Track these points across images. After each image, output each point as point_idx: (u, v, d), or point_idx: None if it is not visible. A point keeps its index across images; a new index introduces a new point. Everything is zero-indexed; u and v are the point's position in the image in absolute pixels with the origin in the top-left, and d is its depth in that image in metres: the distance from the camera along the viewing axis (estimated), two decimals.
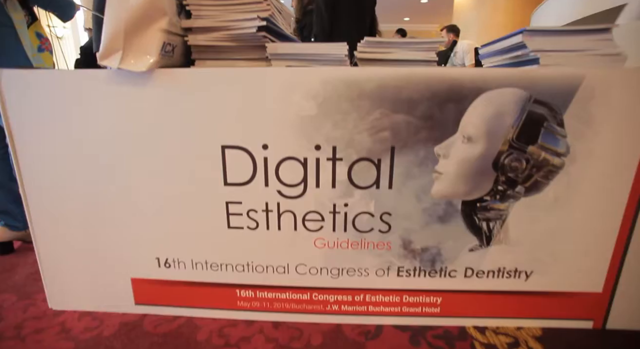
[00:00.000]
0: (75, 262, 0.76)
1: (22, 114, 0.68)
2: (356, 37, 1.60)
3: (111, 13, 0.59)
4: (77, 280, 0.78)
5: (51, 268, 0.78)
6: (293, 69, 0.63)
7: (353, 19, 1.57)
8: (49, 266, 0.77)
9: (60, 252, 0.76)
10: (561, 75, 0.61)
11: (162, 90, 0.64)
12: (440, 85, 0.61)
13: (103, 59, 0.61)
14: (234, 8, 0.64)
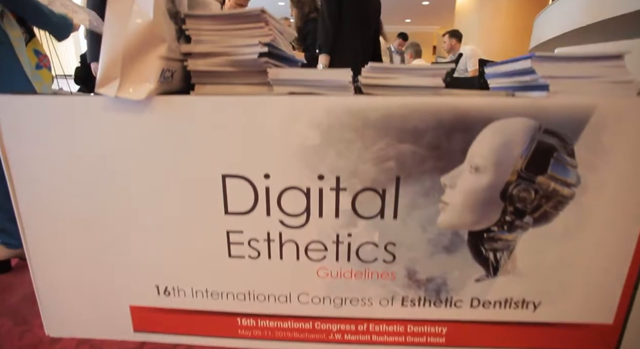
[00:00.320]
0: (72, 288, 0.75)
1: (18, 140, 0.66)
2: (360, 46, 1.58)
3: (108, 40, 0.57)
4: (75, 307, 0.76)
5: (48, 294, 0.76)
6: (296, 97, 0.61)
7: (357, 27, 1.55)
8: (46, 292, 0.76)
9: (57, 278, 0.74)
10: (572, 105, 0.59)
11: (160, 117, 0.62)
12: (447, 115, 0.60)
13: (100, 87, 0.59)
14: (235, 33, 0.62)
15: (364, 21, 1.57)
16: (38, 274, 0.74)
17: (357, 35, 1.55)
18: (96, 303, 0.75)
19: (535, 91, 0.66)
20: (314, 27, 1.94)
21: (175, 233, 0.69)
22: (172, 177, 0.65)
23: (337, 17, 1.49)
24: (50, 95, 0.64)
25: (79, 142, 0.65)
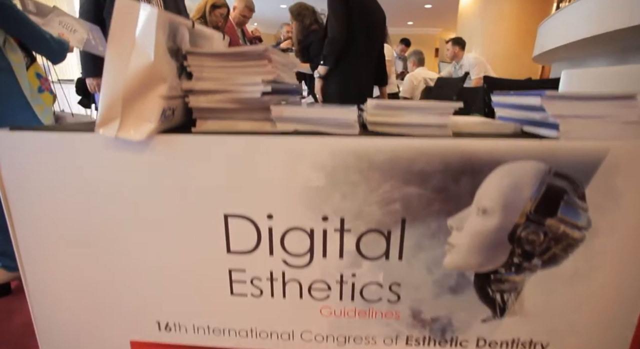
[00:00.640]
0: (72, 322, 0.74)
1: (17, 175, 0.65)
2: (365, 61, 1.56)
3: (108, 80, 0.56)
4: (74, 340, 0.75)
5: (47, 327, 0.75)
6: (300, 138, 0.60)
7: (364, 42, 1.54)
8: (45, 325, 0.75)
9: (56, 313, 0.73)
10: (584, 148, 0.57)
11: (162, 156, 0.61)
12: (454, 158, 0.58)
13: (100, 127, 0.58)
14: (237, 70, 0.61)
15: (370, 35, 1.56)
16: (37, 309, 0.73)
17: (363, 50, 1.53)
18: (96, 336, 0.74)
19: (545, 128, 0.64)
20: (315, 39, 1.93)
21: (176, 270, 0.68)
22: (174, 215, 0.64)
23: (346, 31, 1.47)
24: (50, 131, 0.63)
25: (79, 178, 0.64)
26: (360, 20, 1.50)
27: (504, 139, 0.58)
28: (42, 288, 0.71)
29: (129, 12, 0.54)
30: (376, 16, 1.57)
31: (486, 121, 0.77)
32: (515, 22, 4.67)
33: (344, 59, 1.56)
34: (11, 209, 0.66)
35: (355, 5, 1.46)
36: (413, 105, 0.63)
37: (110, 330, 0.73)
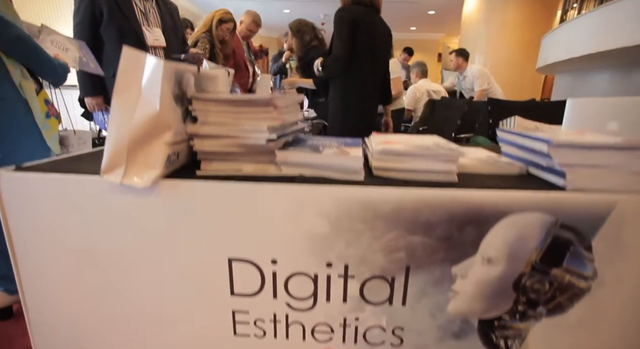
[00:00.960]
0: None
1: (22, 216, 0.65)
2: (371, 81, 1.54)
3: (114, 129, 0.56)
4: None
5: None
6: (305, 187, 0.59)
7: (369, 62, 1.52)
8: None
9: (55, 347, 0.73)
10: (591, 201, 0.57)
11: (166, 201, 0.61)
12: (460, 209, 0.58)
13: (105, 173, 0.58)
14: (243, 116, 0.61)
15: (375, 53, 1.54)
16: (37, 338, 0.73)
17: (368, 68, 1.52)
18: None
19: (552, 174, 0.64)
20: (315, 55, 1.92)
21: (179, 310, 0.67)
22: (178, 258, 0.64)
23: (350, 51, 1.46)
24: (55, 173, 0.63)
25: (83, 220, 0.64)
26: (365, 39, 1.49)
27: (510, 191, 0.58)
28: (43, 324, 0.71)
29: (135, 62, 0.54)
30: (382, 35, 1.55)
31: (492, 158, 0.77)
32: (518, 30, 4.66)
33: (348, 76, 1.55)
34: (15, 248, 0.66)
35: (360, 25, 1.45)
36: (419, 151, 0.63)
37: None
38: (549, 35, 3.24)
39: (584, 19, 2.65)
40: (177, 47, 1.71)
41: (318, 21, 9.26)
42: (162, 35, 1.59)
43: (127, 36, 1.50)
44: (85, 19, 1.46)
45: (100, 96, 1.54)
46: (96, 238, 0.64)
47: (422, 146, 0.65)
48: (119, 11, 1.47)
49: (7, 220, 0.65)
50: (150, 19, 1.58)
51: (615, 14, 2.22)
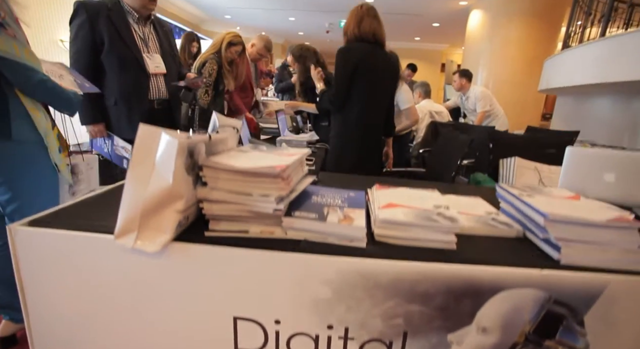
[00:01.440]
0: None
1: (35, 271, 0.67)
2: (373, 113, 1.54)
3: (128, 197, 0.59)
4: None
5: None
6: (310, 256, 0.62)
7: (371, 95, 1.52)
8: None
9: None
10: (584, 280, 0.59)
11: (176, 262, 0.63)
12: (457, 282, 0.60)
13: (118, 237, 0.60)
14: (251, 185, 0.63)
15: (378, 88, 1.54)
16: None
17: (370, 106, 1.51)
18: None
19: (547, 245, 0.66)
20: None
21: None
22: (185, 315, 0.66)
23: (346, 91, 1.47)
24: (69, 231, 0.65)
25: (94, 275, 0.66)
26: (366, 78, 1.47)
27: (506, 267, 0.60)
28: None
29: (151, 138, 0.56)
30: (385, 71, 1.54)
31: (490, 217, 0.79)
32: (522, 48, 4.70)
33: (348, 111, 1.52)
34: (27, 301, 0.68)
35: (362, 65, 1.43)
36: (420, 222, 0.65)
37: None
38: (551, 59, 3.27)
39: (587, 48, 2.69)
40: (175, 70, 1.73)
41: (323, 29, 9.26)
42: (162, 62, 1.60)
43: (129, 64, 1.51)
44: (86, 46, 1.45)
45: (101, 123, 1.54)
46: (105, 293, 0.66)
47: (423, 214, 0.67)
48: (120, 39, 1.47)
49: (20, 270, 0.68)
50: (150, 45, 1.59)
51: (618, 47, 2.25)
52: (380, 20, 1.46)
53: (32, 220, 0.70)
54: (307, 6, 6.80)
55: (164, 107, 1.66)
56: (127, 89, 1.52)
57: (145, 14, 1.56)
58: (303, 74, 2.16)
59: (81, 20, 1.44)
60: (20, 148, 0.96)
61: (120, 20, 1.48)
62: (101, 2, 1.50)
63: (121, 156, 1.53)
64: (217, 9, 7.65)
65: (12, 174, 0.97)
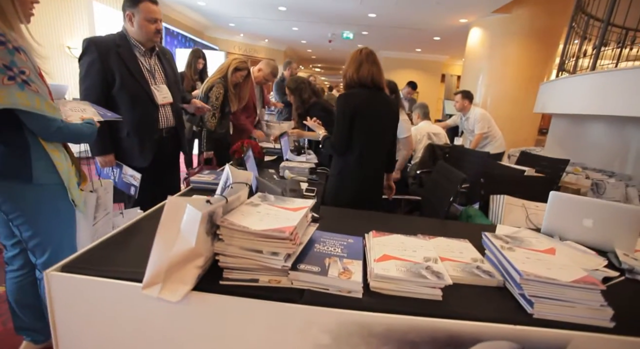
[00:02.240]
0: None
1: (67, 311, 0.76)
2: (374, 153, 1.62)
3: (156, 256, 0.67)
4: None
5: None
6: (312, 308, 0.70)
7: (371, 142, 1.58)
8: None
9: None
10: (551, 335, 0.68)
11: (196, 309, 0.72)
12: (441, 334, 0.69)
13: (145, 288, 0.69)
14: (262, 243, 0.72)
15: (377, 133, 1.60)
16: None
17: (370, 147, 1.55)
18: None
19: (523, 299, 0.75)
20: (316, 112, 2.01)
21: None
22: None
23: (347, 139, 1.54)
24: (99, 278, 0.74)
25: (121, 319, 0.74)
26: (367, 122, 1.53)
27: (484, 323, 0.69)
28: None
29: (177, 208, 0.65)
30: (384, 115, 1.60)
31: (476, 265, 0.88)
32: (520, 67, 4.81)
33: (348, 153, 1.58)
34: (59, 340, 0.77)
35: (361, 111, 1.50)
36: (411, 277, 0.73)
37: None
38: (546, 84, 3.37)
39: (580, 79, 2.78)
40: (179, 96, 1.82)
41: (325, 38, 9.32)
42: (168, 92, 1.68)
43: (139, 98, 1.59)
44: (97, 83, 1.51)
45: (111, 154, 1.61)
46: (129, 334, 0.75)
47: (414, 268, 0.76)
48: (130, 75, 1.55)
49: (54, 311, 0.76)
50: (157, 77, 1.67)
51: (607, 82, 2.35)
52: (379, 64, 1.53)
53: (64, 265, 0.78)
54: (311, 18, 6.92)
55: (172, 134, 1.75)
56: (138, 121, 1.60)
57: (150, 46, 1.64)
58: (301, 106, 2.25)
59: (92, 58, 1.49)
60: (40, 190, 1.05)
61: (129, 55, 1.56)
62: (109, 38, 1.56)
63: (129, 183, 1.61)
64: (221, 17, 7.76)
65: (33, 214, 1.06)
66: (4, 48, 0.92)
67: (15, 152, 1.00)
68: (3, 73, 0.93)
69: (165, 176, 1.80)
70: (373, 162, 1.56)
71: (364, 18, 6.38)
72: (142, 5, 1.51)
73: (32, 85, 0.97)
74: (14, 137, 1.00)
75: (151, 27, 1.55)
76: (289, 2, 5.99)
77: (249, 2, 6.21)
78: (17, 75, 0.94)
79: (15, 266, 1.17)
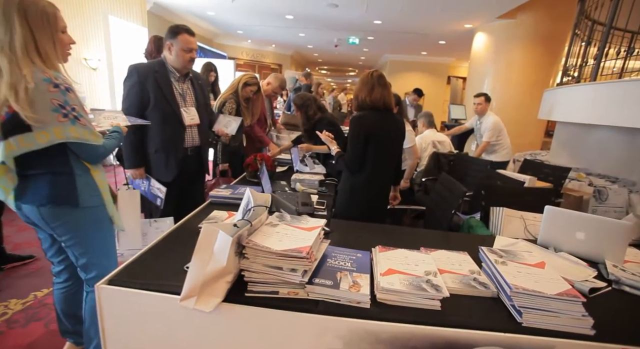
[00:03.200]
0: None
1: (115, 321, 0.88)
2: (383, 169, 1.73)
3: (193, 272, 0.78)
4: None
5: None
6: (326, 317, 0.81)
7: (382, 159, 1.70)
8: None
9: None
10: (537, 341, 0.77)
11: (225, 318, 0.83)
12: (439, 341, 0.78)
13: (183, 300, 0.80)
14: (282, 261, 0.83)
15: (387, 152, 1.72)
16: None
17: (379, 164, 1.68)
18: None
19: (513, 309, 0.84)
20: (322, 126, 2.11)
21: None
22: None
23: (360, 158, 1.65)
24: (141, 291, 0.85)
25: (161, 326, 0.86)
26: (378, 142, 1.65)
27: (478, 331, 0.78)
28: None
29: (211, 234, 0.76)
30: (394, 135, 1.71)
31: (473, 277, 0.97)
32: (524, 71, 4.86)
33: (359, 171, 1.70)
34: (107, 345, 0.89)
35: (374, 132, 1.62)
36: (413, 290, 0.84)
37: None
38: (551, 91, 3.41)
39: (583, 89, 2.83)
40: (207, 119, 2.00)
41: (332, 44, 9.42)
42: (196, 114, 1.86)
43: (169, 119, 1.76)
44: (135, 103, 1.71)
45: (142, 167, 1.79)
46: (168, 340, 0.86)
47: (415, 281, 0.86)
48: (163, 97, 1.73)
49: (104, 319, 0.88)
50: (187, 100, 1.85)
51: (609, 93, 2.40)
52: (389, 86, 1.65)
53: (110, 279, 0.90)
54: (317, 25, 7.05)
55: (196, 153, 1.93)
56: (166, 139, 1.77)
57: (185, 72, 1.82)
58: (307, 122, 2.36)
59: (133, 82, 1.70)
60: (86, 213, 1.18)
61: (164, 80, 1.75)
62: (150, 64, 1.78)
63: (155, 195, 1.76)
64: (230, 25, 7.95)
65: (81, 236, 1.20)
66: (58, 90, 1.06)
67: (63, 180, 1.13)
68: (58, 112, 1.06)
69: (189, 191, 1.94)
70: (382, 179, 1.67)
71: (370, 24, 6.49)
72: (181, 37, 1.71)
73: (81, 119, 1.11)
74: (61, 166, 1.14)
75: (187, 56, 1.75)
76: (296, 11, 6.13)
77: (257, 11, 6.36)
78: (69, 112, 1.08)
79: (61, 279, 1.32)
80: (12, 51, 1.04)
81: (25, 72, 1.03)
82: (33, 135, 1.06)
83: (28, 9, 1.05)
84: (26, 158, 1.09)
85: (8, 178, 1.12)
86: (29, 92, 1.03)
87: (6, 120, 1.06)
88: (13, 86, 1.02)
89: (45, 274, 2.15)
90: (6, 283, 2.04)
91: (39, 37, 1.07)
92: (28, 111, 1.02)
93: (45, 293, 1.95)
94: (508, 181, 1.92)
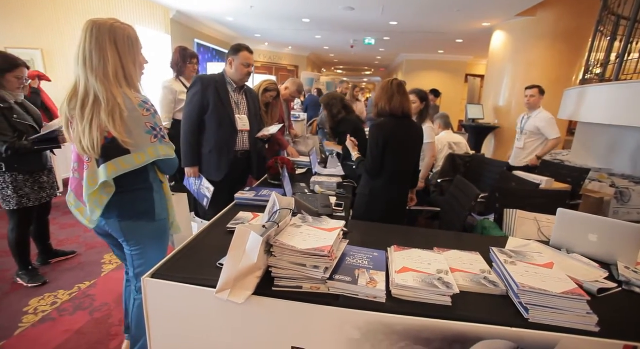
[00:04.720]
0: None
1: (159, 311, 1.00)
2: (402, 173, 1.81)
3: (227, 268, 0.89)
4: None
5: None
6: (346, 310, 0.89)
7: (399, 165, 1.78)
8: None
9: None
10: (542, 337, 0.83)
11: (254, 308, 0.93)
12: (450, 334, 0.85)
13: (218, 293, 0.91)
14: (306, 259, 0.92)
15: (406, 157, 1.81)
16: None
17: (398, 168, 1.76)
18: None
19: (521, 307, 0.90)
20: (346, 128, 2.21)
21: None
22: (258, 344, 0.96)
23: (380, 165, 1.74)
24: (181, 284, 0.97)
25: (198, 313, 0.97)
26: (397, 148, 1.73)
27: (486, 325, 0.85)
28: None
29: (244, 235, 0.87)
30: (412, 139, 1.79)
31: (483, 276, 1.03)
32: (545, 70, 4.74)
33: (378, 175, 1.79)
34: (151, 336, 1.01)
35: (393, 139, 1.70)
36: (425, 287, 0.91)
37: None
38: (572, 91, 3.34)
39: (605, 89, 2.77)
40: (257, 127, 2.23)
41: (348, 44, 9.46)
42: (247, 121, 2.10)
43: (224, 123, 2.00)
44: (196, 109, 1.96)
45: (197, 166, 2.04)
46: (204, 328, 0.97)
47: (428, 279, 0.93)
48: (221, 103, 1.98)
49: (149, 313, 1.00)
50: (241, 108, 2.10)
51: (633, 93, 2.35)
52: (407, 94, 1.73)
53: (153, 273, 1.02)
54: (333, 27, 7.12)
55: (245, 157, 2.17)
56: (220, 142, 2.02)
57: (241, 85, 2.10)
58: (332, 120, 2.46)
59: (196, 90, 1.97)
60: (157, 225, 1.31)
61: (223, 89, 2.02)
62: (212, 76, 2.07)
63: (204, 194, 1.97)
64: (247, 30, 8.15)
65: (147, 246, 1.31)
66: (150, 113, 1.18)
67: (143, 196, 1.26)
68: (151, 133, 1.18)
69: (235, 191, 2.10)
70: (401, 183, 1.76)
71: (386, 26, 6.50)
72: (242, 53, 2.02)
73: (166, 137, 1.25)
74: (143, 182, 1.25)
75: (245, 70, 2.03)
76: (312, 14, 6.22)
77: (275, 16, 6.51)
78: (158, 133, 1.20)
79: (133, 285, 1.43)
80: (106, 78, 1.11)
81: (119, 100, 1.11)
82: (132, 157, 1.16)
83: (117, 36, 1.13)
84: (115, 177, 1.18)
85: (99, 198, 1.21)
86: (124, 118, 1.12)
87: (106, 144, 1.14)
88: (111, 114, 1.10)
89: (86, 268, 2.35)
90: (54, 275, 2.25)
91: (126, 63, 1.15)
92: (125, 137, 1.12)
93: (88, 285, 2.14)
94: (523, 182, 1.94)
